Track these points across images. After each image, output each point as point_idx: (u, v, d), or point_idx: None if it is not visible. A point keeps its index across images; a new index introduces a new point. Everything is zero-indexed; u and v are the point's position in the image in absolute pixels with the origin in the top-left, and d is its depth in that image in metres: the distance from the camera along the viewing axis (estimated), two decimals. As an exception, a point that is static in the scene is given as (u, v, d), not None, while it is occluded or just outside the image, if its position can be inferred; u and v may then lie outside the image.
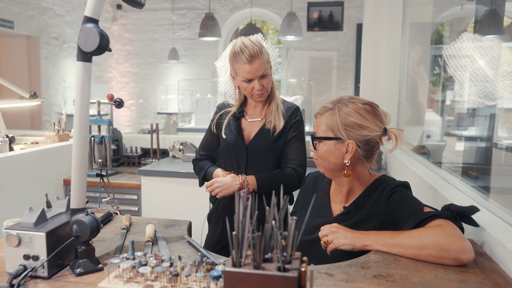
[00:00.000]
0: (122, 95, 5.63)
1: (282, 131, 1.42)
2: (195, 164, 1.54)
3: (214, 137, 1.50)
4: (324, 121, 1.01)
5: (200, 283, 0.74)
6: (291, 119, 1.44)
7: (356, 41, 4.78)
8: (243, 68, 1.31)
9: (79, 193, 0.82)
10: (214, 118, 1.50)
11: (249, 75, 1.32)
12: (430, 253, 0.84)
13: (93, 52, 0.77)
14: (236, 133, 1.43)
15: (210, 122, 1.52)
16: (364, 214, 1.02)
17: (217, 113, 1.50)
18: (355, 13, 4.76)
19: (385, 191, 1.01)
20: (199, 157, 1.54)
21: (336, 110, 1.01)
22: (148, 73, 5.54)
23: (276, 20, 5.13)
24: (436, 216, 0.89)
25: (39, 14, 4.26)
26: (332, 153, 1.01)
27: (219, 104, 1.54)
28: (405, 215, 0.94)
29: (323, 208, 1.11)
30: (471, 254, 0.83)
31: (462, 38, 2.38)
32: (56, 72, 4.58)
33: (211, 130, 1.49)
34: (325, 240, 0.94)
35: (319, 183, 1.18)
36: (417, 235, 0.87)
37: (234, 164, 1.44)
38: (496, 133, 1.75)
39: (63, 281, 0.79)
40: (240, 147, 1.43)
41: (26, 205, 1.93)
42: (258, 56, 1.31)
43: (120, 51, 5.60)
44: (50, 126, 4.36)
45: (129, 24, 5.55)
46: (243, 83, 1.35)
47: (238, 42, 1.34)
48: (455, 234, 0.84)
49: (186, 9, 5.32)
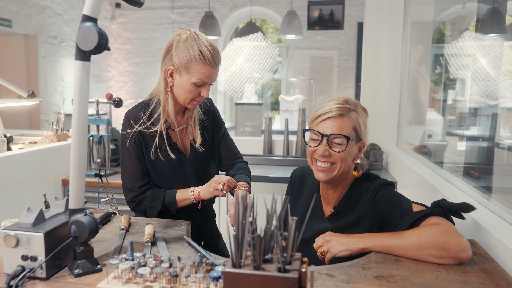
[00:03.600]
0: (121, 94, 5.61)
1: (211, 135, 1.30)
2: (139, 201, 1.20)
3: (143, 159, 1.21)
4: (350, 122, 1.00)
5: (200, 284, 0.73)
6: (214, 117, 1.31)
7: (357, 40, 4.77)
8: (206, 70, 1.11)
9: (77, 193, 0.81)
10: (133, 135, 1.18)
11: (208, 80, 1.13)
12: (430, 252, 0.84)
13: (91, 51, 0.76)
14: (173, 149, 1.21)
15: (126, 143, 1.19)
16: (355, 215, 1.02)
17: (132, 127, 1.18)
18: (356, 11, 4.75)
19: (369, 190, 1.02)
20: (139, 191, 1.20)
21: (358, 109, 1.03)
22: (147, 72, 5.53)
23: (276, 18, 5.12)
24: (428, 214, 0.90)
25: (37, 13, 4.24)
26: (350, 155, 1.02)
27: (132, 115, 1.19)
28: (395, 215, 0.94)
29: (314, 208, 1.10)
30: (470, 252, 0.84)
31: (464, 37, 2.37)
32: (55, 71, 4.56)
33: (137, 151, 1.19)
34: (321, 251, 0.93)
35: (307, 181, 1.17)
36: (416, 235, 0.87)
37: (182, 185, 1.23)
38: (498, 132, 1.74)
39: (62, 282, 0.78)
40: (184, 165, 1.23)
41: (24, 206, 1.92)
42: (220, 61, 1.17)
43: (119, 50, 5.58)
44: (48, 125, 4.35)
45: (128, 22, 5.53)
46: (192, 85, 1.13)
47: (202, 39, 1.12)
48: (452, 232, 0.85)
49: (185, 8, 5.31)
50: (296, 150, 2.84)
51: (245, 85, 4.48)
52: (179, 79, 1.14)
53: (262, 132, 3.61)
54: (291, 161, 2.69)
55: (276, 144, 2.90)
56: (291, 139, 2.88)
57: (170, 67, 1.15)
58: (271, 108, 5.49)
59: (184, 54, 1.11)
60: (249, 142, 2.97)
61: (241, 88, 4.51)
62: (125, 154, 1.21)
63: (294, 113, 3.66)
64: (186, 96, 1.15)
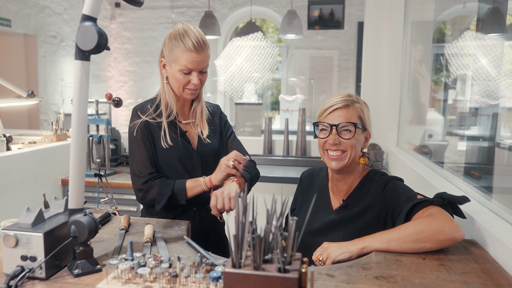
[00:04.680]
0: (120, 94, 5.61)
1: (219, 132, 1.32)
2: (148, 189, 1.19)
3: (151, 148, 1.22)
4: (355, 112, 1.07)
5: (200, 284, 0.73)
6: (220, 119, 1.35)
7: (357, 39, 4.76)
8: (187, 55, 1.12)
9: (77, 193, 0.81)
10: (140, 125, 1.20)
11: (192, 65, 1.14)
12: (428, 236, 0.89)
13: (91, 51, 0.76)
14: (181, 139, 1.23)
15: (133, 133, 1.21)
16: (363, 205, 1.06)
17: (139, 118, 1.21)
18: (356, 11, 4.75)
19: (380, 182, 1.07)
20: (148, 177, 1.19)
21: (361, 102, 1.10)
22: (147, 72, 5.53)
23: (276, 18, 5.11)
24: (429, 202, 0.96)
25: (36, 12, 4.24)
26: (359, 143, 1.08)
27: (139, 107, 1.24)
28: (400, 202, 1.00)
29: (323, 202, 1.14)
30: (463, 232, 0.90)
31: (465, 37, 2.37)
32: (54, 71, 4.56)
33: (145, 140, 1.20)
34: (319, 258, 0.94)
35: (316, 178, 1.22)
36: (412, 225, 0.92)
37: (186, 176, 1.23)
38: (499, 132, 1.74)
39: (61, 282, 0.78)
40: (191, 155, 1.25)
41: (23, 206, 1.92)
42: (207, 46, 1.16)
43: (119, 49, 5.58)
44: (48, 125, 4.34)
45: (127, 22, 5.53)
46: (180, 73, 1.15)
47: (181, 26, 1.16)
48: (445, 217, 0.90)
49: (185, 7, 5.30)
50: (296, 150, 2.84)
51: (245, 85, 4.48)
52: (170, 69, 1.19)
53: (262, 132, 3.61)
54: (291, 161, 2.69)
55: (276, 144, 2.89)
56: (291, 139, 2.88)
57: (162, 59, 1.22)
58: (271, 108, 5.49)
59: (170, 45, 1.16)
60: (249, 142, 2.96)
61: (241, 88, 4.51)
62: (133, 143, 1.22)
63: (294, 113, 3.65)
64: (177, 85, 1.19)
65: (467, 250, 0.95)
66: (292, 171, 2.47)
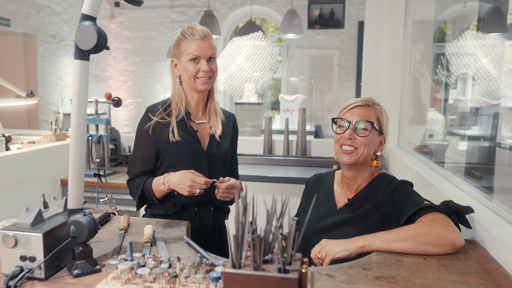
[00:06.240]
0: (120, 94, 5.60)
1: (230, 138, 1.33)
2: (131, 188, 1.26)
3: (151, 148, 1.24)
4: (374, 113, 1.10)
5: (200, 285, 0.73)
6: (233, 127, 1.36)
7: (357, 39, 4.76)
8: (192, 44, 1.19)
9: (76, 193, 0.81)
10: (149, 124, 1.23)
11: (198, 52, 1.18)
12: (429, 239, 0.89)
13: (90, 50, 0.76)
14: (191, 138, 1.24)
15: (137, 132, 1.26)
16: (369, 205, 1.07)
17: (149, 117, 1.24)
18: (357, 10, 4.74)
19: (390, 185, 1.08)
20: (132, 176, 1.26)
21: (381, 107, 1.13)
22: (146, 71, 5.52)
23: (276, 17, 5.11)
24: (434, 208, 0.96)
25: (36, 12, 4.23)
26: (373, 143, 1.09)
27: (150, 108, 1.27)
28: (407, 205, 1.01)
29: (327, 200, 1.15)
30: (463, 240, 0.91)
31: (465, 36, 2.37)
32: (53, 70, 4.55)
33: (146, 140, 1.23)
34: (318, 256, 0.94)
35: (322, 182, 1.23)
36: (414, 227, 0.92)
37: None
38: (500, 132, 1.73)
39: (60, 283, 0.77)
40: (200, 155, 1.24)
41: (22, 206, 1.90)
42: (210, 36, 1.22)
43: (118, 49, 5.57)
44: (47, 125, 4.34)
45: (127, 22, 5.52)
46: (189, 63, 1.19)
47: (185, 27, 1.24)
48: (447, 224, 0.91)
49: (185, 7, 5.29)
50: (296, 150, 2.83)
51: (245, 85, 4.47)
52: (180, 65, 1.24)
53: (262, 132, 3.61)
54: (291, 161, 2.69)
55: (276, 144, 2.89)
56: (291, 138, 2.87)
57: (173, 59, 1.27)
58: (271, 107, 5.48)
59: (177, 42, 1.24)
60: (249, 142, 2.96)
61: (241, 88, 4.50)
62: (134, 141, 1.29)
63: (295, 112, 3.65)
64: (189, 76, 1.22)
65: (468, 250, 0.95)
66: (292, 171, 2.47)
